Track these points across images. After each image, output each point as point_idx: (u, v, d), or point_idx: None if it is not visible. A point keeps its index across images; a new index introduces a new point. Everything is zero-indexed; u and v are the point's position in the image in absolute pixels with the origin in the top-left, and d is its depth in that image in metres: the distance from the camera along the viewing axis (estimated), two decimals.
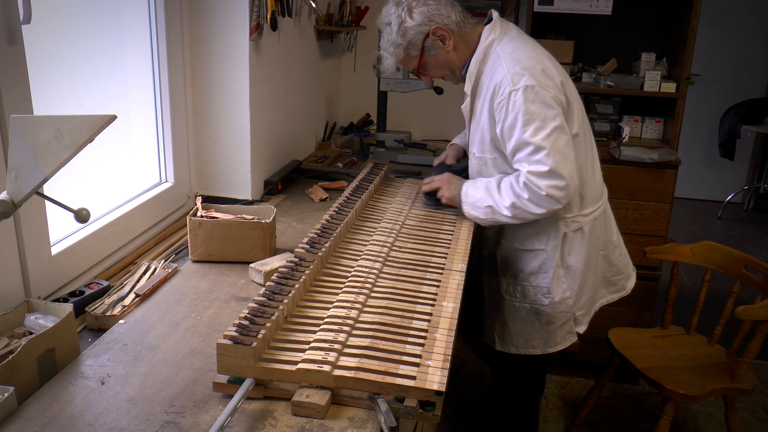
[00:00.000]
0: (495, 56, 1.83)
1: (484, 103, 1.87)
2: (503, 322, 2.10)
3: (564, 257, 1.98)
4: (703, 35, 3.90)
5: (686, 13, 2.77)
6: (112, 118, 1.09)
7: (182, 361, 1.28)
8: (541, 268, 1.99)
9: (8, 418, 1.08)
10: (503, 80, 1.76)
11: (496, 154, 1.90)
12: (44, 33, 1.47)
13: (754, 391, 2.28)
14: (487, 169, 1.95)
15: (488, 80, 1.83)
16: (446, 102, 3.17)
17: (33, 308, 1.33)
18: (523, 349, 2.09)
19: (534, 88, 1.73)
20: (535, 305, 2.02)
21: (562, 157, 1.74)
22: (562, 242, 1.96)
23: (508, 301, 2.07)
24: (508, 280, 2.06)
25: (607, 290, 2.17)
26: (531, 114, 1.72)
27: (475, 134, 1.96)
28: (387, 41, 1.89)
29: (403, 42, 1.86)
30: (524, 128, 1.73)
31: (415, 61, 1.89)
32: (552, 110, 1.74)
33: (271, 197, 2.30)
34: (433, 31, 1.83)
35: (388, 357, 1.21)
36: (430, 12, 1.83)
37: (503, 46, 1.83)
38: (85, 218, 1.16)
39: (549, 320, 2.03)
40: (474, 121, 1.95)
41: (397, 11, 1.85)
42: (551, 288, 1.98)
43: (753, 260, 2.34)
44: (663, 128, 3.09)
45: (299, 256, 1.54)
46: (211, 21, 2.07)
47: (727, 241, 4.68)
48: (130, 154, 1.96)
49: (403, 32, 1.84)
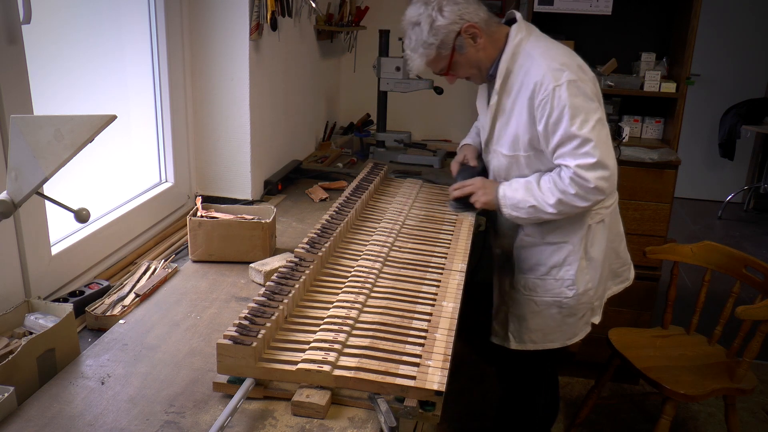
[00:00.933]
0: (525, 54, 1.83)
1: (516, 102, 1.86)
2: (520, 318, 2.08)
3: (587, 249, 2.00)
4: (703, 35, 3.89)
5: (686, 13, 2.77)
6: (112, 118, 1.09)
7: (182, 361, 1.28)
8: (566, 261, 1.99)
9: (8, 418, 1.08)
10: (544, 77, 1.77)
11: (530, 152, 1.89)
12: (44, 33, 1.47)
13: (754, 391, 2.28)
14: (518, 167, 1.94)
15: (521, 78, 1.83)
16: (446, 102, 3.18)
17: (33, 308, 1.33)
18: (542, 344, 2.08)
19: (576, 82, 1.76)
20: (557, 298, 2.02)
21: (607, 147, 1.78)
22: (586, 234, 1.98)
23: (527, 297, 2.05)
24: (527, 276, 2.05)
25: (613, 281, 2.19)
26: (576, 108, 1.75)
27: (503, 133, 1.94)
28: (416, 41, 1.84)
29: (435, 41, 1.81)
30: (571, 122, 1.75)
31: (446, 60, 1.86)
32: (593, 103, 1.79)
33: (271, 197, 2.30)
34: (464, 29, 1.81)
35: (388, 357, 1.21)
36: (461, 10, 1.80)
37: (532, 45, 1.84)
38: (85, 218, 1.16)
39: (570, 312, 2.03)
40: (502, 119, 1.93)
41: (427, 10, 1.80)
42: (576, 280, 1.99)
43: (753, 260, 2.34)
44: (663, 128, 3.09)
45: (299, 256, 1.54)
46: (211, 21, 2.07)
47: (727, 241, 4.68)
48: (130, 154, 1.96)
49: (435, 31, 1.80)
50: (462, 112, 3.33)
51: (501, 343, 2.16)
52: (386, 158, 2.80)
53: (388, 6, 3.27)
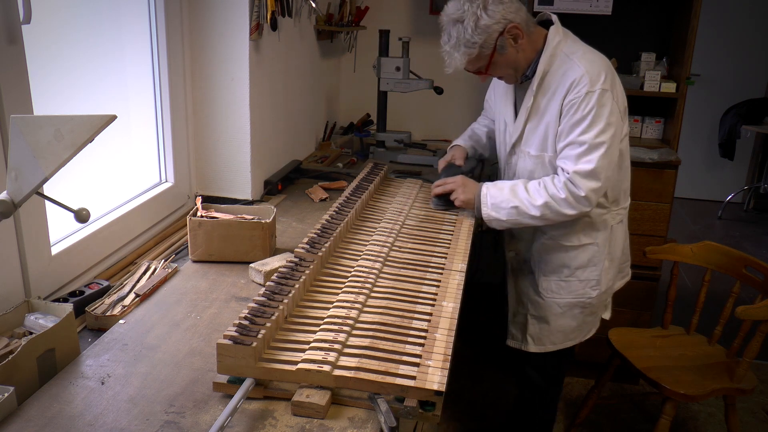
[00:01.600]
0: (563, 56, 1.83)
1: (550, 101, 1.85)
2: (541, 320, 2.09)
3: (610, 249, 2.02)
4: (703, 35, 3.89)
5: (686, 13, 2.77)
6: (112, 118, 1.09)
7: (182, 361, 1.28)
8: (590, 262, 2.00)
9: (8, 418, 1.08)
10: (582, 79, 1.77)
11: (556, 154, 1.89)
12: (44, 33, 1.47)
13: (754, 391, 2.28)
14: (543, 169, 1.93)
15: (558, 79, 1.82)
16: (446, 102, 3.18)
17: (33, 308, 1.33)
18: (561, 344, 2.09)
19: (608, 92, 1.77)
20: (581, 299, 2.03)
21: (609, 162, 1.79)
22: (610, 234, 2.00)
23: (549, 299, 2.05)
24: (549, 278, 2.05)
25: (617, 277, 2.19)
26: (599, 117, 1.76)
27: (533, 133, 1.92)
28: (458, 39, 1.78)
29: (479, 40, 1.76)
30: (588, 128, 1.76)
31: (486, 60, 1.82)
32: (616, 116, 1.79)
33: (271, 197, 2.30)
34: (508, 30, 1.78)
35: (388, 357, 1.21)
36: (505, 9, 1.77)
37: (570, 47, 1.84)
38: (85, 218, 1.16)
39: (591, 311, 2.06)
40: (535, 120, 1.91)
41: (472, 8, 1.75)
42: (600, 280, 2.01)
43: (753, 260, 2.34)
44: (663, 128, 3.09)
45: (299, 256, 1.54)
46: (211, 21, 2.07)
47: (727, 241, 4.68)
48: (130, 154, 1.96)
49: (480, 30, 1.75)
50: (462, 112, 3.33)
51: (518, 347, 2.16)
52: (386, 158, 2.80)
53: (388, 6, 3.28)
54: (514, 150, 2.01)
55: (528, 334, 2.12)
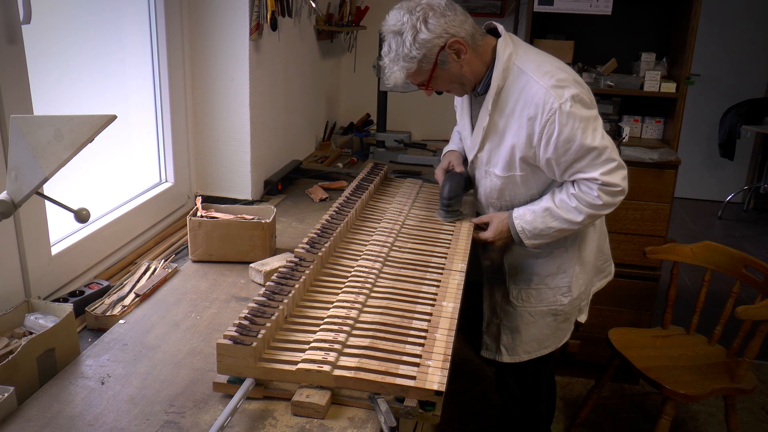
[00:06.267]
0: (517, 71, 1.75)
1: (510, 121, 1.78)
2: (514, 330, 2.06)
3: (580, 254, 1.99)
4: (703, 35, 3.90)
5: (686, 13, 2.77)
6: (112, 118, 1.09)
7: (182, 361, 1.28)
8: (560, 269, 1.98)
9: (8, 418, 1.08)
10: (546, 97, 1.69)
11: (526, 170, 1.84)
12: (44, 33, 1.47)
13: (754, 391, 2.27)
14: (514, 187, 1.89)
15: (515, 96, 1.76)
16: (446, 102, 3.17)
17: (33, 308, 1.33)
18: (536, 353, 2.06)
19: (577, 96, 1.71)
20: (552, 306, 2.00)
21: (614, 149, 1.77)
22: (579, 239, 1.97)
23: (520, 308, 2.03)
24: (519, 287, 2.02)
25: (597, 277, 2.16)
26: (585, 120, 1.71)
27: (496, 154, 1.86)
28: (397, 53, 1.71)
29: (417, 55, 1.68)
30: (584, 136, 1.71)
31: (426, 74, 1.74)
32: (593, 111, 1.76)
33: (271, 197, 2.30)
34: (449, 45, 1.69)
35: (388, 357, 1.21)
36: (447, 23, 1.68)
37: (522, 60, 1.76)
38: (85, 218, 1.16)
39: (565, 317, 2.03)
40: (494, 139, 1.85)
41: (411, 20, 1.68)
42: (571, 286, 1.98)
43: (753, 260, 2.34)
44: (663, 128, 3.09)
45: (299, 256, 1.54)
46: (211, 21, 2.07)
47: (727, 241, 4.67)
48: (130, 154, 1.96)
49: (419, 45, 1.67)
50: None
51: (492, 357, 2.13)
52: (386, 158, 2.80)
53: (388, 6, 3.23)
54: (475, 165, 1.97)
55: (501, 344, 2.09)
